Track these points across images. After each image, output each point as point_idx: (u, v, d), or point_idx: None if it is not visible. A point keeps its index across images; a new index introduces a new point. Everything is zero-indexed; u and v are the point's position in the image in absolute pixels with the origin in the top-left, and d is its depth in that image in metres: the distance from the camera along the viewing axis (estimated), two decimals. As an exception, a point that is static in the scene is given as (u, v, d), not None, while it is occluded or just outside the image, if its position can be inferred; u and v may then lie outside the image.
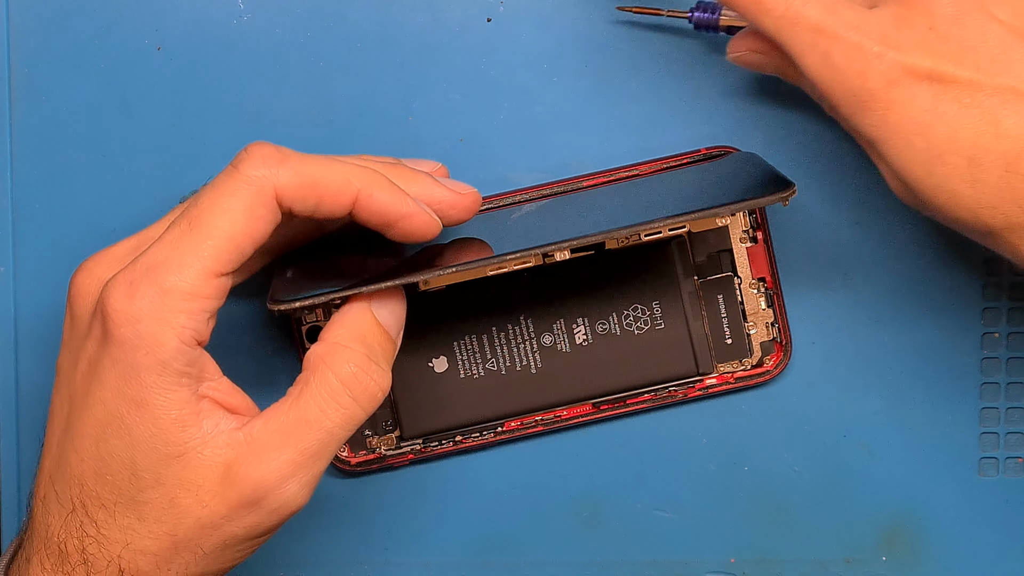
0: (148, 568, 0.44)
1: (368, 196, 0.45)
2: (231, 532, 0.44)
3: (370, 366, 0.44)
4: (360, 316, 0.45)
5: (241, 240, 0.44)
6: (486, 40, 0.54)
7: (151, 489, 0.44)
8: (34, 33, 0.54)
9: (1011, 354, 0.54)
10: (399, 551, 0.55)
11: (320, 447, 0.44)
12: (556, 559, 0.55)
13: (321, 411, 0.44)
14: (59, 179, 0.54)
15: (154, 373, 0.43)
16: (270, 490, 0.43)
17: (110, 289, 0.43)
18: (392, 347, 0.46)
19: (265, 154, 0.44)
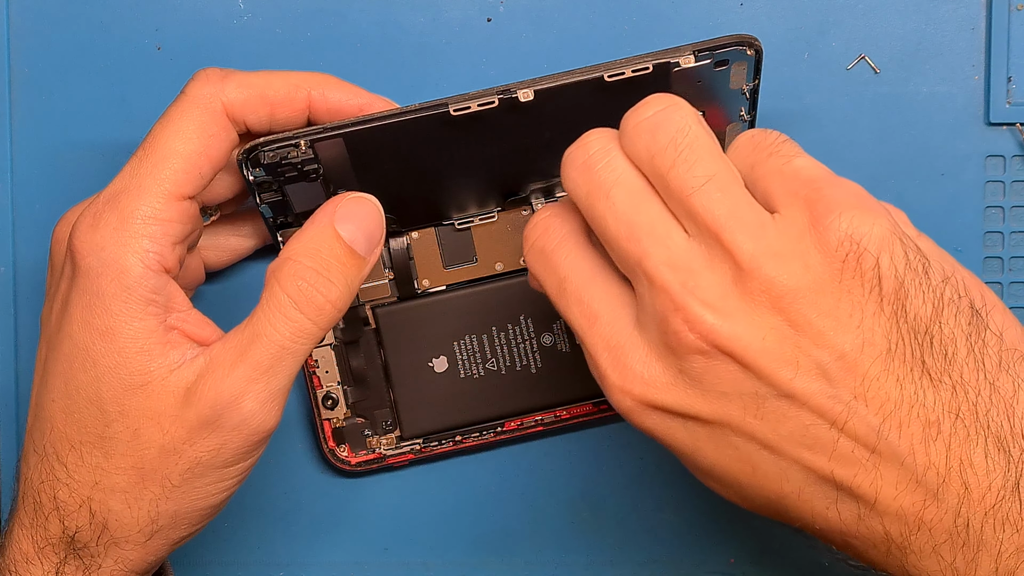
0: (118, 507, 0.44)
1: (321, 97, 0.47)
2: (195, 457, 0.44)
3: (318, 280, 0.44)
4: (318, 230, 0.44)
5: (198, 160, 0.44)
6: (486, 40, 0.54)
7: (116, 422, 0.44)
8: (34, 33, 0.54)
9: (1011, 354, 0.54)
10: (399, 551, 0.55)
11: (272, 360, 0.43)
12: (555, 559, 0.55)
13: (271, 325, 0.43)
14: (59, 179, 0.54)
15: (119, 300, 0.43)
16: (226, 406, 0.43)
17: (76, 224, 0.44)
18: (355, 262, 0.45)
19: (209, 73, 0.46)
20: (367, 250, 0.45)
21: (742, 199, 0.40)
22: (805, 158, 0.41)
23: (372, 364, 0.53)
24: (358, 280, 0.45)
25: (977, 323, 0.39)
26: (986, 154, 0.53)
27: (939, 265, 0.40)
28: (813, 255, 0.39)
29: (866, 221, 0.39)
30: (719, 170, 0.40)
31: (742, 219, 0.40)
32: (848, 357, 0.39)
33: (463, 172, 0.49)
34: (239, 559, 0.55)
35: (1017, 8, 0.53)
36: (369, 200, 0.45)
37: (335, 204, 0.45)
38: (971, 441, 0.38)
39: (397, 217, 0.51)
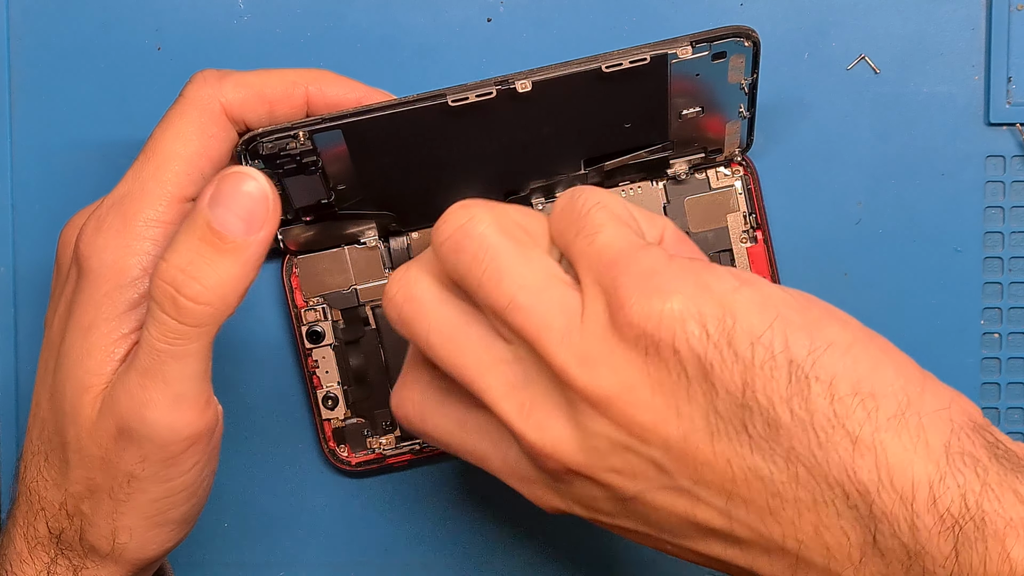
0: (88, 511, 0.44)
1: (319, 92, 0.46)
2: (127, 470, 0.43)
3: (177, 278, 0.41)
4: (188, 221, 0.42)
5: (199, 161, 0.44)
6: (486, 40, 0.54)
7: (69, 428, 0.44)
8: (34, 33, 0.54)
9: (1010, 354, 0.54)
10: (399, 551, 0.55)
11: (154, 365, 0.42)
12: (556, 559, 0.55)
13: (146, 329, 0.42)
14: (59, 179, 0.54)
15: (109, 299, 0.43)
16: (129, 417, 0.42)
17: (82, 229, 0.44)
18: (229, 247, 0.41)
19: (206, 74, 0.46)
20: (247, 230, 0.42)
21: (551, 302, 0.40)
22: (609, 231, 0.40)
23: (372, 364, 0.53)
24: (239, 266, 0.42)
25: (798, 381, 0.37)
26: (986, 154, 0.53)
27: (757, 320, 0.38)
28: (618, 356, 0.39)
29: (655, 306, 0.38)
30: (524, 279, 0.40)
31: (550, 327, 0.39)
32: (674, 449, 0.39)
33: (463, 168, 0.49)
34: (239, 559, 0.55)
35: (1017, 8, 0.53)
36: (244, 173, 0.42)
37: (208, 185, 0.42)
38: (819, 504, 0.38)
39: (398, 216, 0.51)
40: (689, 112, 0.48)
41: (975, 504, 0.36)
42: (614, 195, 0.42)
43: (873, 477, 0.37)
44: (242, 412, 0.54)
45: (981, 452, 0.37)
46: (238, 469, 0.54)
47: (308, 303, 0.53)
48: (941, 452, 0.37)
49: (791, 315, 0.38)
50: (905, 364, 0.39)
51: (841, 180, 0.54)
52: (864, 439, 0.37)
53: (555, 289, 0.40)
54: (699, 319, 0.38)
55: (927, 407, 0.38)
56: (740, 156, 0.52)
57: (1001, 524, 0.36)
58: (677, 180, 0.53)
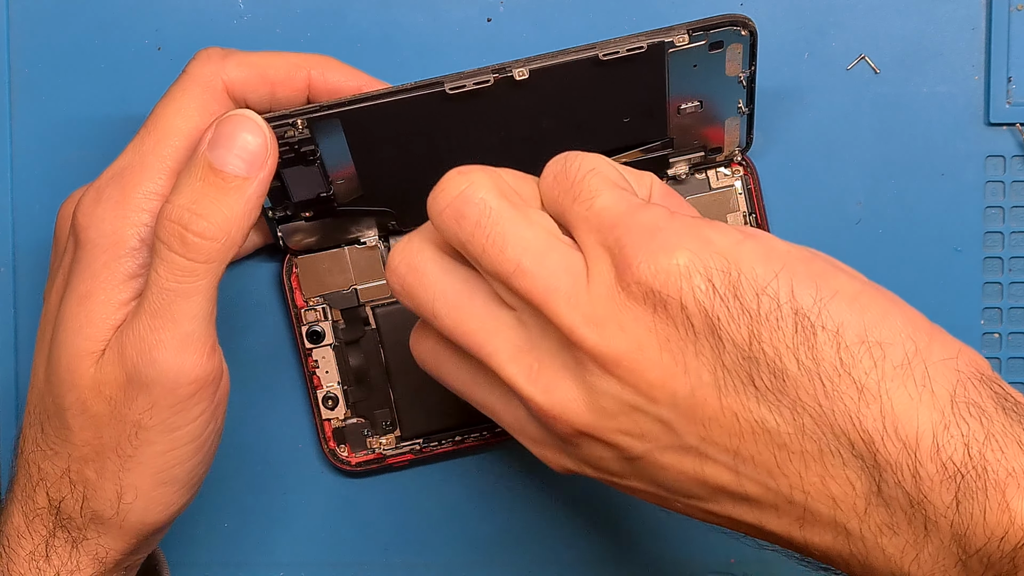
0: (92, 476, 0.44)
1: (321, 77, 0.47)
2: (135, 420, 0.44)
3: (183, 215, 0.42)
4: (191, 161, 0.43)
5: (198, 137, 0.44)
6: (486, 40, 0.54)
7: (68, 394, 0.44)
8: (34, 33, 0.54)
9: (1011, 354, 0.54)
10: (399, 551, 0.55)
11: (163, 305, 0.43)
12: (556, 559, 0.55)
13: (154, 271, 0.43)
14: (59, 179, 0.54)
15: (106, 268, 0.44)
16: (140, 361, 0.43)
17: (80, 201, 0.45)
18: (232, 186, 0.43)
19: (210, 52, 0.46)
20: (248, 168, 0.43)
21: (556, 265, 0.40)
22: (606, 195, 0.40)
23: (372, 364, 0.53)
24: (241, 203, 0.43)
25: (804, 330, 0.38)
26: (986, 154, 0.53)
27: (761, 272, 0.38)
28: (626, 314, 0.39)
29: (661, 262, 0.38)
30: (528, 243, 0.40)
31: (557, 289, 0.39)
32: (682, 405, 0.39)
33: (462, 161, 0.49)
34: (239, 559, 0.55)
35: (1017, 8, 0.53)
36: (242, 115, 0.44)
37: (208, 129, 0.44)
38: (825, 454, 0.38)
39: (397, 214, 0.51)
40: (688, 106, 0.48)
41: (978, 453, 0.36)
42: (602, 158, 0.42)
43: (878, 426, 0.37)
44: (242, 412, 0.54)
45: (987, 402, 0.37)
46: (238, 468, 0.54)
47: (308, 303, 0.53)
48: (947, 401, 0.37)
49: (796, 265, 0.39)
50: (913, 315, 0.39)
51: (841, 180, 0.53)
52: (870, 388, 0.37)
53: (559, 251, 0.40)
54: (705, 273, 0.38)
55: (934, 356, 0.38)
56: (740, 156, 0.52)
57: (1003, 474, 0.36)
58: (677, 180, 0.53)
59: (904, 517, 0.37)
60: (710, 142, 0.51)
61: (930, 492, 0.37)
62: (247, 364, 0.54)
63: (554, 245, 0.40)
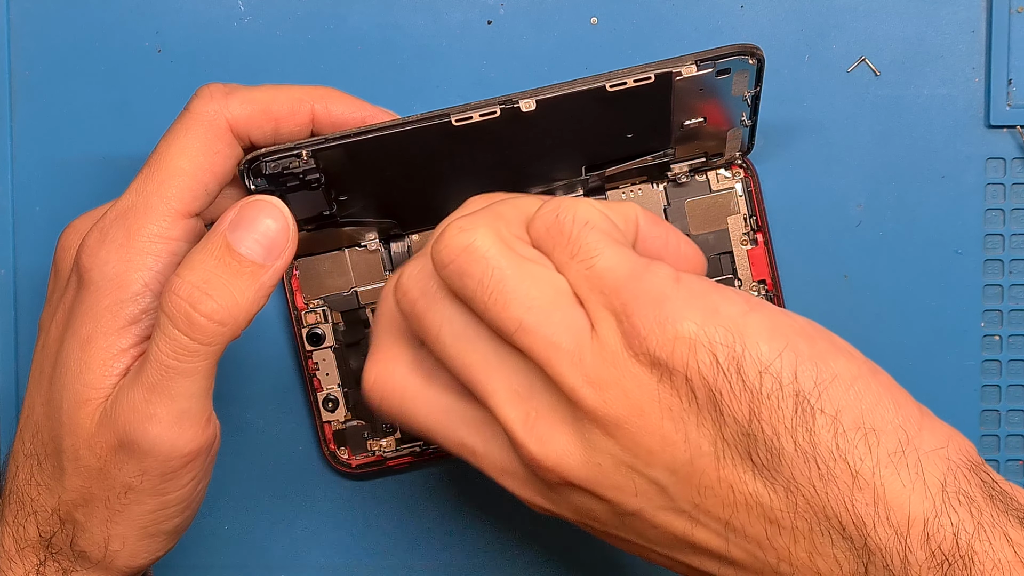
0: (81, 519, 0.44)
1: (325, 110, 0.46)
2: (124, 481, 0.43)
3: (193, 295, 0.42)
4: (208, 241, 0.43)
5: (204, 177, 0.44)
6: (486, 43, 0.54)
7: (66, 438, 0.44)
8: (35, 35, 0.54)
9: (1011, 356, 0.54)
10: (399, 553, 0.55)
11: (160, 380, 0.42)
12: (556, 561, 0.55)
13: (155, 344, 0.42)
14: (59, 182, 0.54)
15: (109, 312, 0.43)
16: (132, 432, 0.43)
17: (85, 239, 0.44)
18: (247, 270, 0.42)
19: (212, 89, 0.45)
20: (265, 256, 0.43)
21: (559, 324, 0.40)
22: (607, 255, 0.40)
23: (372, 366, 0.53)
24: (253, 289, 0.43)
25: (803, 412, 0.38)
26: (986, 156, 0.53)
27: (765, 349, 0.39)
28: (629, 380, 0.39)
29: (668, 332, 0.39)
30: (532, 301, 0.40)
31: (560, 348, 0.40)
32: (680, 472, 0.39)
33: (465, 178, 0.49)
34: (239, 562, 0.55)
35: (1017, 11, 0.53)
36: (267, 202, 0.44)
37: (230, 209, 0.43)
38: (815, 533, 0.38)
39: (397, 220, 0.51)
40: (691, 122, 0.48)
41: (966, 543, 0.37)
42: (590, 205, 0.42)
43: (870, 511, 0.38)
44: (242, 414, 0.54)
45: (976, 492, 0.38)
46: (238, 471, 0.54)
47: (308, 305, 0.53)
48: (938, 490, 0.38)
49: (800, 345, 0.39)
50: (905, 401, 0.39)
51: (841, 182, 0.53)
52: (864, 474, 0.38)
53: (563, 310, 0.40)
54: (709, 346, 0.38)
55: (925, 445, 0.39)
56: (741, 159, 0.52)
57: (989, 565, 0.37)
58: (677, 183, 0.53)
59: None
60: (712, 149, 0.51)
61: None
62: (247, 366, 0.54)
63: (559, 302, 0.40)
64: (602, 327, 0.40)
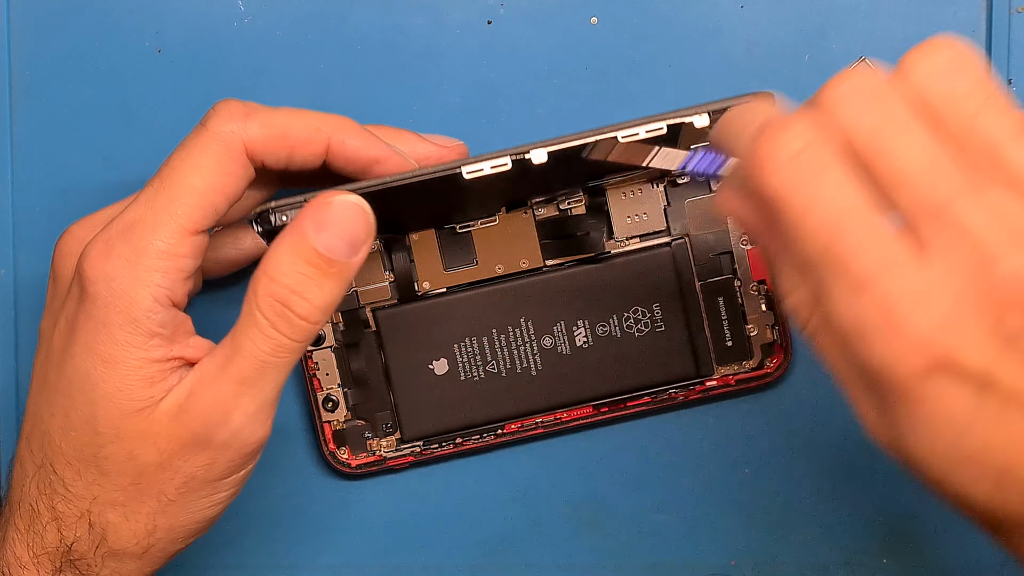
0: (116, 519, 0.44)
1: (341, 143, 0.46)
2: (189, 472, 0.44)
3: (289, 297, 0.43)
4: (292, 241, 0.43)
5: (214, 197, 0.44)
6: (486, 42, 0.54)
7: (111, 444, 0.44)
8: (35, 35, 0.54)
9: (1012, 356, 0.54)
10: (399, 554, 0.55)
11: (256, 375, 0.43)
12: (556, 562, 0.55)
13: (251, 340, 0.43)
14: (59, 182, 0.54)
15: (125, 331, 0.43)
16: (215, 424, 0.43)
17: (88, 249, 0.44)
18: (334, 270, 0.43)
19: (232, 109, 0.45)
20: (349, 253, 0.43)
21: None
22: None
23: (372, 366, 0.53)
24: (341, 286, 0.44)
25: None
26: (987, 156, 0.53)
27: None
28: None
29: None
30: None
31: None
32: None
33: (469, 198, 0.50)
34: (239, 562, 0.55)
35: (1017, 11, 0.53)
36: (347, 201, 0.44)
37: (310, 210, 0.43)
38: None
39: (401, 231, 0.52)
40: (698, 146, 0.48)
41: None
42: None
43: None
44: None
45: None
46: (238, 471, 0.54)
47: (308, 305, 0.53)
48: None
49: None
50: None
51: (842, 182, 0.53)
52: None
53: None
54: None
55: None
56: (741, 158, 0.52)
57: None
58: (677, 183, 0.53)
59: None
60: None
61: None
62: (247, 366, 0.54)
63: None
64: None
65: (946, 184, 0.35)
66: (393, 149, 0.47)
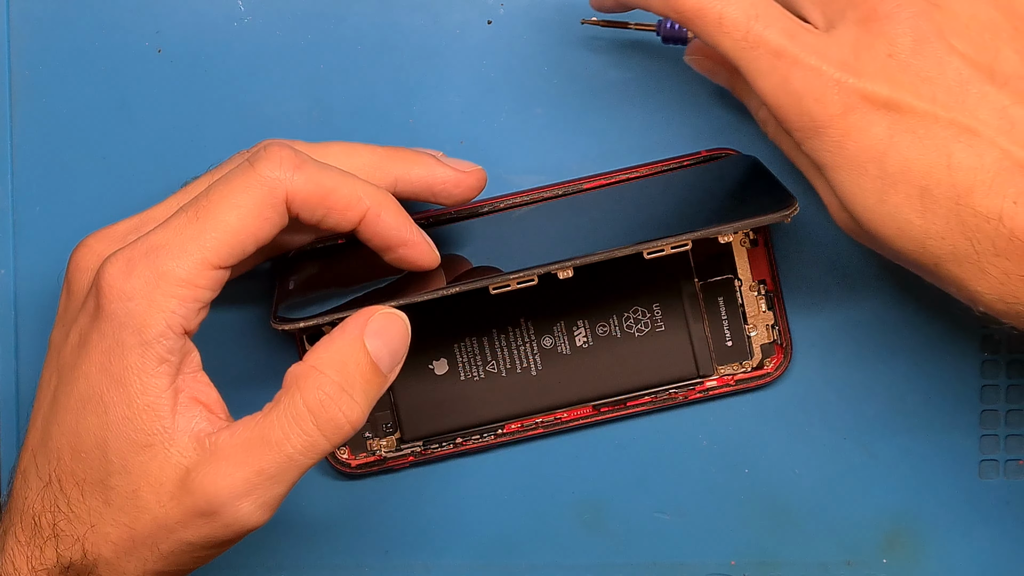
0: (109, 555, 0.44)
1: (376, 216, 0.46)
2: (185, 538, 0.44)
3: (341, 397, 0.43)
4: (347, 343, 0.44)
5: (244, 237, 0.44)
6: (486, 42, 0.54)
7: (118, 475, 0.44)
8: (35, 35, 0.54)
9: (1012, 357, 0.54)
10: (399, 554, 0.55)
11: (279, 470, 0.43)
12: (557, 562, 0.55)
13: (283, 434, 0.43)
14: (59, 182, 0.54)
15: (136, 353, 0.43)
16: (223, 505, 0.43)
17: (108, 265, 0.44)
18: (378, 380, 0.44)
19: (284, 156, 0.45)
20: (389, 368, 0.45)
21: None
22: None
23: (372, 366, 0.53)
24: (376, 398, 0.44)
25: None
26: (986, 156, 0.53)
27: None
28: None
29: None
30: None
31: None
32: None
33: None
34: (239, 562, 0.55)
35: (1017, 10, 0.53)
36: (400, 317, 0.45)
37: (366, 316, 0.44)
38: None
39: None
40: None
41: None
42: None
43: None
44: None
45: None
46: (238, 471, 0.54)
47: (308, 305, 0.53)
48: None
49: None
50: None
51: (841, 182, 0.53)
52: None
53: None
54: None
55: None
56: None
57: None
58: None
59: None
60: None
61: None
62: (248, 366, 0.54)
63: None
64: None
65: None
66: (423, 237, 0.47)
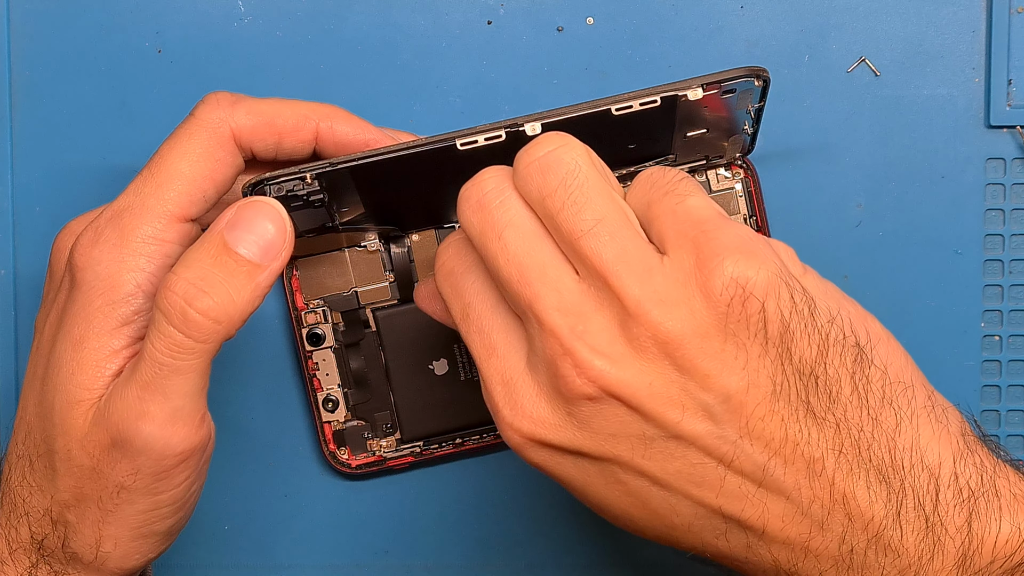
0: (73, 520, 0.44)
1: (329, 129, 0.46)
2: (117, 480, 0.43)
3: (189, 291, 0.42)
4: (204, 239, 0.43)
5: (203, 184, 0.44)
6: (486, 43, 0.54)
7: (59, 438, 0.43)
8: (35, 36, 0.54)
9: (1011, 357, 0.54)
10: (399, 554, 0.55)
11: (154, 378, 0.42)
12: (557, 562, 0.55)
13: (149, 342, 0.42)
14: (59, 182, 0.54)
15: (101, 313, 0.43)
16: (126, 429, 0.42)
17: (78, 240, 0.44)
18: (244, 270, 0.42)
19: (220, 97, 0.45)
20: (262, 256, 0.43)
21: (631, 242, 0.40)
22: (698, 197, 0.41)
23: (373, 367, 0.53)
24: (249, 288, 0.42)
25: (861, 361, 0.40)
26: (986, 157, 0.53)
27: (825, 304, 0.41)
28: (698, 300, 0.39)
29: (751, 266, 0.39)
30: (608, 213, 0.40)
31: (629, 263, 0.40)
32: (734, 399, 0.39)
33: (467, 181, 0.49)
34: (239, 562, 0.55)
35: (1017, 11, 0.53)
36: (265, 203, 0.43)
37: (228, 208, 0.43)
38: (853, 475, 0.40)
39: (399, 225, 0.52)
40: (694, 133, 0.48)
41: (990, 480, 0.41)
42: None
43: (908, 455, 0.40)
44: (242, 415, 0.54)
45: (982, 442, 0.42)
46: (238, 471, 0.54)
47: (308, 305, 0.53)
48: (959, 436, 0.41)
49: (847, 305, 0.42)
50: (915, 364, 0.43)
51: (841, 182, 0.54)
52: (904, 421, 0.40)
53: (635, 232, 0.41)
54: (789, 288, 0.40)
55: (941, 401, 0.42)
56: (741, 159, 0.52)
57: (1010, 498, 0.40)
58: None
59: (914, 539, 0.40)
60: (712, 153, 0.51)
61: (945, 516, 0.40)
62: (247, 366, 0.54)
63: (632, 227, 0.41)
64: (677, 253, 0.40)
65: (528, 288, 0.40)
66: (385, 132, 0.47)
